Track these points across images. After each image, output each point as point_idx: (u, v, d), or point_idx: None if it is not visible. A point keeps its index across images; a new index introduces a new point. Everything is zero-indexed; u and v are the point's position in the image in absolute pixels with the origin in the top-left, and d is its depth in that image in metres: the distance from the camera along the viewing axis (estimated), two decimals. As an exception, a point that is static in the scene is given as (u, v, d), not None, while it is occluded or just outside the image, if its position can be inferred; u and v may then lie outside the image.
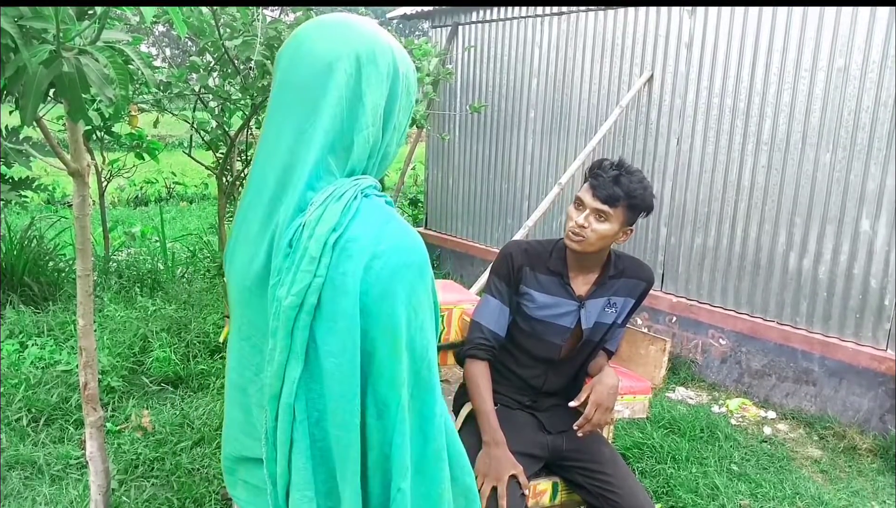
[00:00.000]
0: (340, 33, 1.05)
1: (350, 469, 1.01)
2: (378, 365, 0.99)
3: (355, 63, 1.03)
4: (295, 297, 0.98)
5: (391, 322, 0.99)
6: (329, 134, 1.03)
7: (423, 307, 1.03)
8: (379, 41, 1.06)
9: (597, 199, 1.90)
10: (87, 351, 2.09)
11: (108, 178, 5.54)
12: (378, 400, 1.01)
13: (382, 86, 1.05)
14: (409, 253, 1.01)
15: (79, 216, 1.99)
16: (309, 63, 1.04)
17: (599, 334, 2.10)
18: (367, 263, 0.98)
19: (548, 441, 2.08)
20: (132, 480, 2.78)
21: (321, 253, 0.98)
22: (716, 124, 4.24)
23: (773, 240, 4.05)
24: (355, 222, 1.00)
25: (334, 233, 0.99)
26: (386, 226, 1.01)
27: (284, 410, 1.01)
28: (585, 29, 4.96)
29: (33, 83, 1.38)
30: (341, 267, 0.98)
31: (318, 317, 0.99)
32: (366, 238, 0.99)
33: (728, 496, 2.95)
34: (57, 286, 4.73)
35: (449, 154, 6.34)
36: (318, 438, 1.02)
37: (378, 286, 0.98)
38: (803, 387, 3.95)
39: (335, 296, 0.98)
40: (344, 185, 1.02)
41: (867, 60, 3.60)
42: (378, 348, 0.99)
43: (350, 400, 0.99)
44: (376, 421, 1.01)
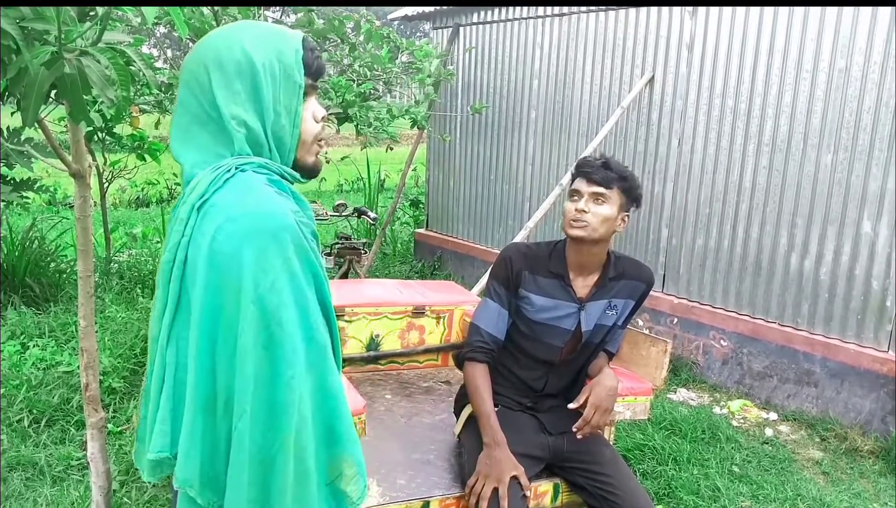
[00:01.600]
0: (199, 48, 1.20)
1: (191, 405, 1.13)
2: (225, 317, 1.11)
3: (204, 72, 1.17)
4: (168, 253, 1.15)
5: (236, 278, 1.09)
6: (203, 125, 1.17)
7: (277, 270, 1.10)
8: (226, 43, 1.18)
9: (593, 183, 1.95)
10: (88, 352, 2.09)
11: (110, 179, 5.54)
12: (227, 347, 1.11)
13: (234, 84, 1.16)
14: (261, 218, 1.10)
15: (80, 217, 1.99)
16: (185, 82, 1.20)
17: (599, 336, 2.10)
18: (220, 225, 1.10)
19: (549, 443, 2.08)
20: (133, 481, 2.78)
21: (188, 215, 1.13)
22: (717, 125, 4.24)
23: (775, 242, 4.04)
24: (222, 191, 1.13)
25: (201, 199, 1.13)
26: (245, 194, 1.13)
27: (159, 353, 1.17)
28: (586, 30, 4.96)
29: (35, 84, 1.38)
30: (202, 228, 1.12)
31: (186, 272, 1.14)
32: (224, 204, 1.12)
33: (729, 497, 2.95)
34: (58, 287, 4.73)
35: (450, 155, 6.34)
36: (182, 381, 1.15)
37: (228, 245, 1.09)
38: (805, 389, 3.94)
39: (196, 253, 1.12)
40: (224, 162, 1.16)
41: (868, 61, 3.60)
42: (226, 301, 1.10)
43: (203, 343, 1.11)
44: (223, 369, 1.12)
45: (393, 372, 2.86)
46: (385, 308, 2.81)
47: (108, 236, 5.53)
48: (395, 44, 4.85)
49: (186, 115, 1.19)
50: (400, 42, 4.90)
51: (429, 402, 2.61)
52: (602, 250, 2.03)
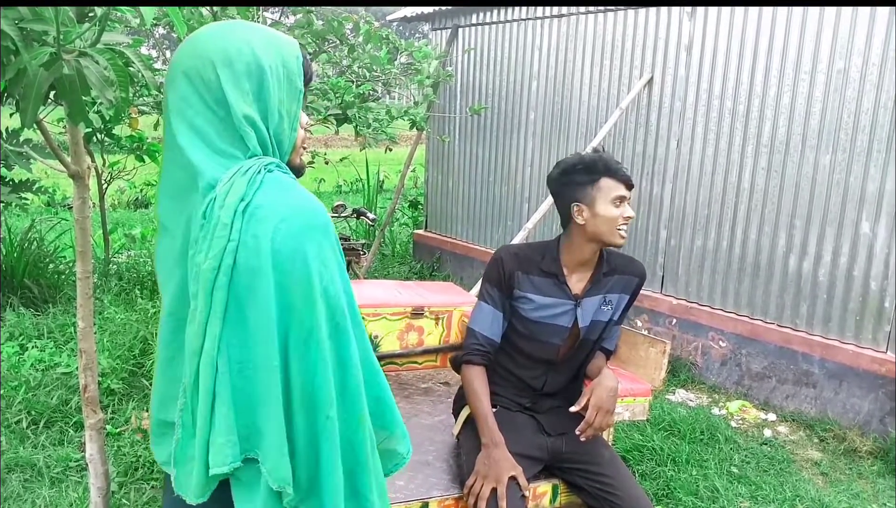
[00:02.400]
0: (202, 42, 1.18)
1: (273, 407, 1.12)
2: (297, 314, 1.11)
3: (210, 68, 1.15)
4: (213, 260, 1.11)
5: (304, 275, 1.11)
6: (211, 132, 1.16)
7: (331, 262, 1.15)
8: (234, 42, 1.17)
9: (629, 188, 1.99)
10: (87, 354, 2.09)
11: (109, 181, 5.53)
12: (299, 344, 1.12)
13: (244, 84, 1.16)
14: (312, 215, 1.14)
15: (79, 218, 1.99)
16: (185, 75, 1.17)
17: (596, 332, 2.10)
18: (276, 225, 1.10)
19: (547, 443, 2.08)
20: (132, 482, 2.78)
21: (232, 219, 1.11)
22: (715, 126, 4.25)
23: (773, 243, 4.05)
24: (260, 192, 1.13)
25: (242, 202, 1.11)
26: (288, 193, 1.15)
27: (207, 364, 1.12)
28: (585, 31, 4.97)
29: (33, 85, 1.38)
30: (252, 231, 1.11)
31: (236, 277, 1.11)
32: (271, 204, 1.12)
33: (728, 498, 2.95)
34: (57, 288, 4.73)
35: (449, 156, 6.35)
36: (239, 387, 1.13)
37: (288, 244, 1.10)
38: (803, 390, 3.94)
39: (249, 256, 1.10)
40: (248, 163, 1.15)
41: (867, 62, 3.60)
42: (295, 299, 1.11)
43: (270, 345, 1.11)
44: (299, 363, 1.13)
45: (391, 373, 2.86)
46: (384, 309, 2.81)
47: (107, 237, 5.53)
48: (394, 45, 4.86)
49: (189, 111, 1.17)
50: (399, 43, 4.91)
51: (427, 403, 2.61)
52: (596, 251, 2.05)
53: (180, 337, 1.19)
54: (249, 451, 1.14)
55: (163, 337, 1.27)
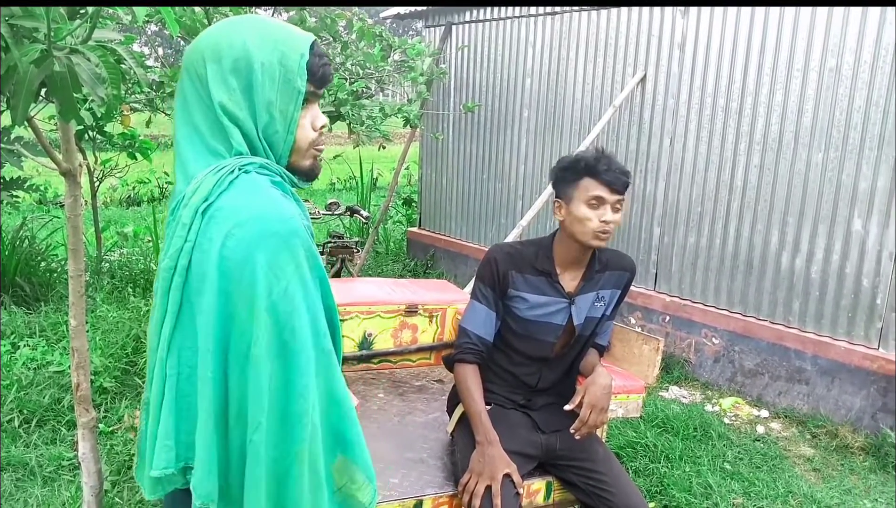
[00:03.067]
0: (202, 37, 1.17)
1: (203, 419, 1.08)
2: (238, 325, 1.07)
3: (202, 63, 1.13)
4: (169, 260, 1.09)
5: (250, 285, 1.05)
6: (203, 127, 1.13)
7: (289, 275, 1.07)
8: (228, 38, 1.14)
9: (615, 193, 1.93)
10: (79, 352, 2.08)
11: (101, 178, 5.51)
12: (239, 356, 1.07)
13: (229, 80, 1.12)
14: (271, 222, 1.07)
15: (70, 216, 1.98)
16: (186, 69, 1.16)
17: (590, 328, 2.11)
18: (230, 230, 1.06)
19: (541, 441, 2.09)
20: (125, 481, 2.77)
21: (192, 220, 1.08)
22: (708, 124, 4.26)
23: (766, 240, 4.06)
24: (227, 194, 1.08)
25: (205, 203, 1.08)
26: (253, 197, 1.09)
27: (159, 365, 1.11)
28: (579, 29, 4.97)
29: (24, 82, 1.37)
30: (208, 233, 1.07)
31: (190, 279, 1.09)
32: (232, 207, 1.07)
33: (721, 494, 2.96)
34: (49, 286, 4.70)
35: (442, 153, 6.34)
36: (186, 393, 1.10)
37: (238, 251, 1.05)
38: (796, 386, 3.96)
39: (202, 259, 1.07)
40: (225, 162, 1.11)
41: (859, 60, 3.62)
42: (238, 310, 1.06)
43: (206, 354, 1.07)
44: (236, 378, 1.08)
45: (386, 371, 2.86)
46: (378, 306, 2.81)
47: (99, 235, 5.50)
48: (388, 42, 4.85)
49: (187, 106, 1.15)
50: (392, 40, 4.90)
51: (421, 401, 2.61)
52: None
53: None
54: (190, 460, 1.10)
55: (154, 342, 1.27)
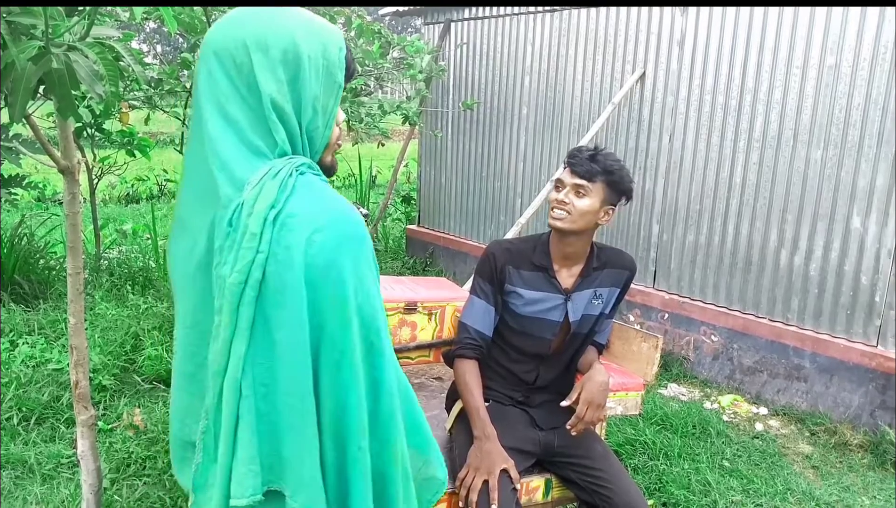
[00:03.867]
0: (239, 24, 1.07)
1: (307, 436, 1.03)
2: (329, 334, 1.02)
3: (244, 51, 1.05)
4: (239, 274, 1.01)
5: (338, 292, 1.01)
6: (241, 119, 1.05)
7: (368, 276, 1.05)
8: (273, 26, 1.07)
9: (575, 175, 1.95)
10: (78, 350, 2.08)
11: (99, 176, 5.50)
12: (330, 366, 1.03)
13: (278, 72, 1.05)
14: (349, 225, 1.04)
15: (69, 214, 1.98)
16: (209, 51, 1.07)
17: (587, 326, 2.11)
18: (310, 236, 1.01)
19: (540, 438, 2.09)
20: (124, 479, 2.77)
21: (262, 228, 1.00)
22: (707, 121, 4.26)
23: (765, 237, 4.06)
24: (293, 198, 1.03)
25: (273, 210, 1.01)
26: (323, 200, 1.04)
27: (231, 386, 1.02)
28: (578, 26, 4.96)
29: (22, 80, 1.37)
30: (283, 242, 1.01)
31: (265, 292, 1.01)
32: (305, 213, 1.02)
33: (720, 491, 2.97)
34: (47, 284, 4.70)
35: (441, 151, 6.34)
36: (264, 412, 1.03)
37: (322, 258, 1.01)
38: (795, 384, 3.97)
39: (279, 270, 1.01)
40: (278, 164, 1.05)
41: (858, 58, 3.62)
42: (327, 318, 1.02)
43: (302, 369, 1.01)
44: (329, 388, 1.04)
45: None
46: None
47: (98, 233, 5.50)
48: (387, 39, 4.84)
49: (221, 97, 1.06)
50: (391, 37, 4.90)
51: (420, 398, 2.59)
52: (585, 241, 2.04)
53: (203, 351, 1.09)
54: (273, 483, 1.05)
55: (184, 349, 1.15)
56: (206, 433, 1.08)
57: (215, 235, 1.06)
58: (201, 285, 1.09)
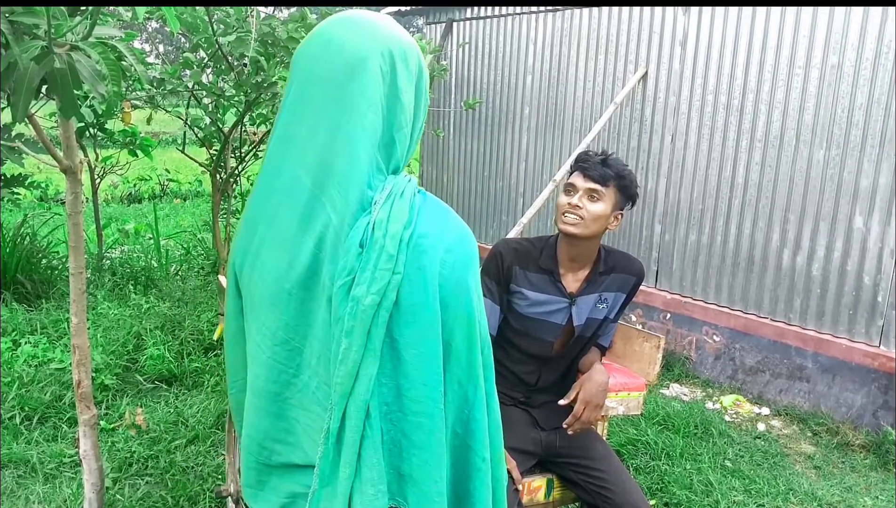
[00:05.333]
0: (369, 32, 1.04)
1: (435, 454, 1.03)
2: (456, 352, 1.04)
3: (389, 60, 1.03)
4: (376, 296, 0.99)
5: (466, 311, 1.04)
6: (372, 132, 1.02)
7: (480, 292, 1.10)
8: (405, 39, 1.06)
9: (588, 179, 1.94)
10: (80, 349, 2.08)
11: (101, 175, 5.51)
12: (454, 383, 1.05)
13: (412, 83, 1.06)
14: (472, 244, 1.08)
15: (71, 213, 1.98)
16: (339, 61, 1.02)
17: (591, 330, 2.10)
18: (442, 257, 1.02)
19: (541, 438, 2.09)
20: (126, 478, 2.77)
21: (398, 250, 1.00)
22: (710, 121, 4.25)
23: (767, 237, 4.06)
24: (421, 218, 1.03)
25: (407, 231, 1.01)
26: (445, 220, 1.06)
27: (358, 407, 1.01)
28: (580, 26, 4.96)
29: (24, 79, 1.37)
30: (417, 263, 1.01)
31: (397, 313, 1.01)
32: (434, 233, 1.03)
33: (722, 492, 2.96)
34: (50, 284, 4.70)
35: (443, 151, 6.34)
36: (385, 431, 1.04)
37: (453, 277, 1.03)
38: (797, 384, 3.96)
39: (413, 291, 1.01)
40: (400, 183, 1.04)
41: (861, 58, 3.61)
42: (455, 336, 1.04)
43: (434, 387, 1.02)
44: (451, 404, 1.06)
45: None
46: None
47: (100, 232, 5.51)
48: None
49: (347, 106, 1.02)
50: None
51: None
52: (594, 246, 2.03)
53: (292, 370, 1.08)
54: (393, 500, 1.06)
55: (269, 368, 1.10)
56: (324, 458, 1.05)
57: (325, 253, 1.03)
58: (300, 303, 1.06)
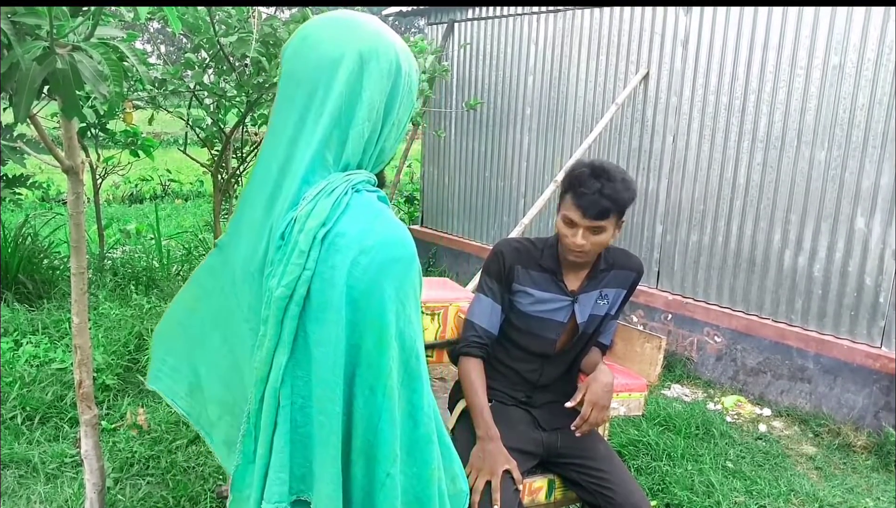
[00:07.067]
0: (345, 30, 1.08)
1: (330, 454, 1.04)
2: (365, 356, 1.03)
3: (357, 60, 1.05)
4: (285, 289, 1.03)
5: (379, 314, 1.02)
6: (327, 128, 1.05)
7: (411, 300, 1.06)
8: (382, 39, 1.08)
9: (588, 218, 1.87)
10: (81, 349, 2.08)
11: (103, 176, 5.51)
12: (365, 388, 1.04)
13: (383, 82, 1.07)
14: (396, 247, 1.04)
15: (73, 213, 1.98)
16: (313, 58, 1.07)
17: (593, 326, 2.12)
18: (355, 258, 1.02)
19: (542, 438, 2.09)
20: (127, 478, 2.77)
21: (310, 246, 1.02)
22: (711, 122, 4.25)
23: (769, 238, 4.05)
24: (344, 217, 1.03)
25: (323, 228, 1.02)
26: (374, 221, 1.05)
27: (270, 394, 1.05)
28: (581, 26, 4.96)
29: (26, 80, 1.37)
30: (329, 261, 1.02)
31: (308, 308, 1.03)
32: (354, 233, 1.03)
33: (723, 493, 2.96)
34: (51, 284, 4.71)
35: (445, 151, 6.34)
36: (299, 423, 1.06)
37: (365, 280, 1.01)
38: (798, 385, 3.96)
39: (323, 289, 1.02)
40: (336, 180, 1.05)
41: (862, 58, 3.61)
42: (365, 339, 1.02)
43: (334, 388, 1.03)
44: (363, 409, 1.05)
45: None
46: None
47: (102, 232, 5.51)
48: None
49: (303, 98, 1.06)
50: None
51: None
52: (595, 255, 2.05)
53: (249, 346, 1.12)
54: (302, 492, 1.07)
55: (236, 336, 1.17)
56: (246, 436, 1.11)
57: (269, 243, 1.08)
58: (258, 286, 1.10)
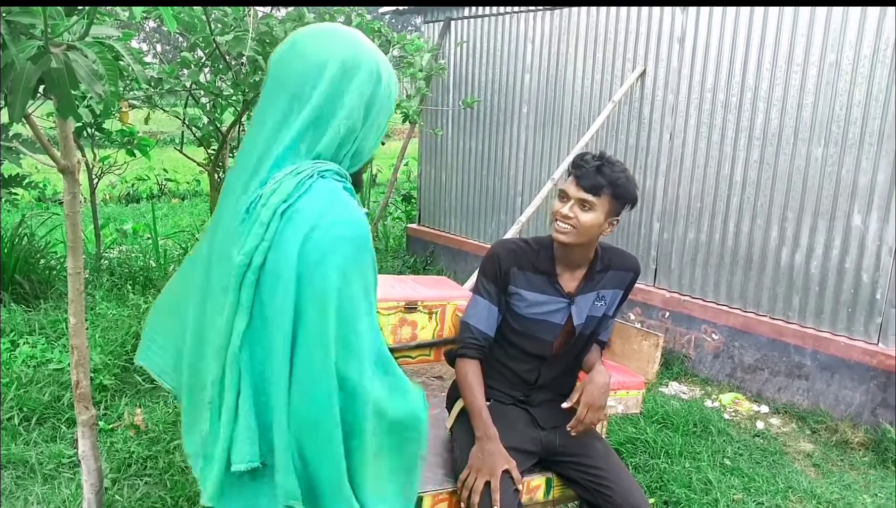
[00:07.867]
0: (331, 40, 1.19)
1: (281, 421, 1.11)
2: (305, 325, 1.10)
3: (341, 66, 1.16)
4: (244, 257, 1.11)
5: (322, 287, 1.09)
6: (306, 122, 1.15)
7: (355, 279, 1.12)
8: (365, 49, 1.20)
9: (581, 189, 1.91)
10: (78, 350, 2.08)
11: (99, 175, 5.49)
12: (303, 357, 1.10)
13: (364, 87, 1.17)
14: (347, 226, 1.11)
15: (69, 213, 1.97)
16: (300, 63, 1.17)
17: (590, 328, 2.11)
18: (307, 233, 1.09)
19: (541, 437, 2.09)
20: (125, 479, 2.77)
21: (270, 219, 1.10)
22: (708, 119, 4.25)
23: (766, 235, 4.06)
24: (305, 197, 1.11)
25: (284, 204, 1.11)
26: (333, 203, 1.12)
27: (232, 360, 1.12)
28: (578, 24, 4.96)
29: (21, 79, 1.37)
30: (286, 234, 1.10)
31: (263, 278, 1.11)
32: (310, 210, 1.10)
33: (721, 490, 2.97)
34: (48, 284, 4.70)
35: (442, 149, 6.33)
36: (261, 388, 1.13)
37: (314, 254, 1.09)
38: (796, 382, 3.96)
39: (277, 259, 1.10)
40: (304, 165, 1.14)
41: (858, 55, 3.61)
42: (307, 310, 1.09)
43: (283, 355, 1.10)
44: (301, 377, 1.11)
45: (385, 368, 2.85)
46: (377, 303, 2.80)
47: (98, 232, 5.49)
48: (386, 38, 4.83)
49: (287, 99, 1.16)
50: (391, 36, 4.89)
51: (421, 397, 2.60)
52: (588, 250, 2.03)
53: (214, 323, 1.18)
54: (264, 456, 1.14)
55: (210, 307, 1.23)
56: (211, 404, 1.17)
57: None
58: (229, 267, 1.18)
